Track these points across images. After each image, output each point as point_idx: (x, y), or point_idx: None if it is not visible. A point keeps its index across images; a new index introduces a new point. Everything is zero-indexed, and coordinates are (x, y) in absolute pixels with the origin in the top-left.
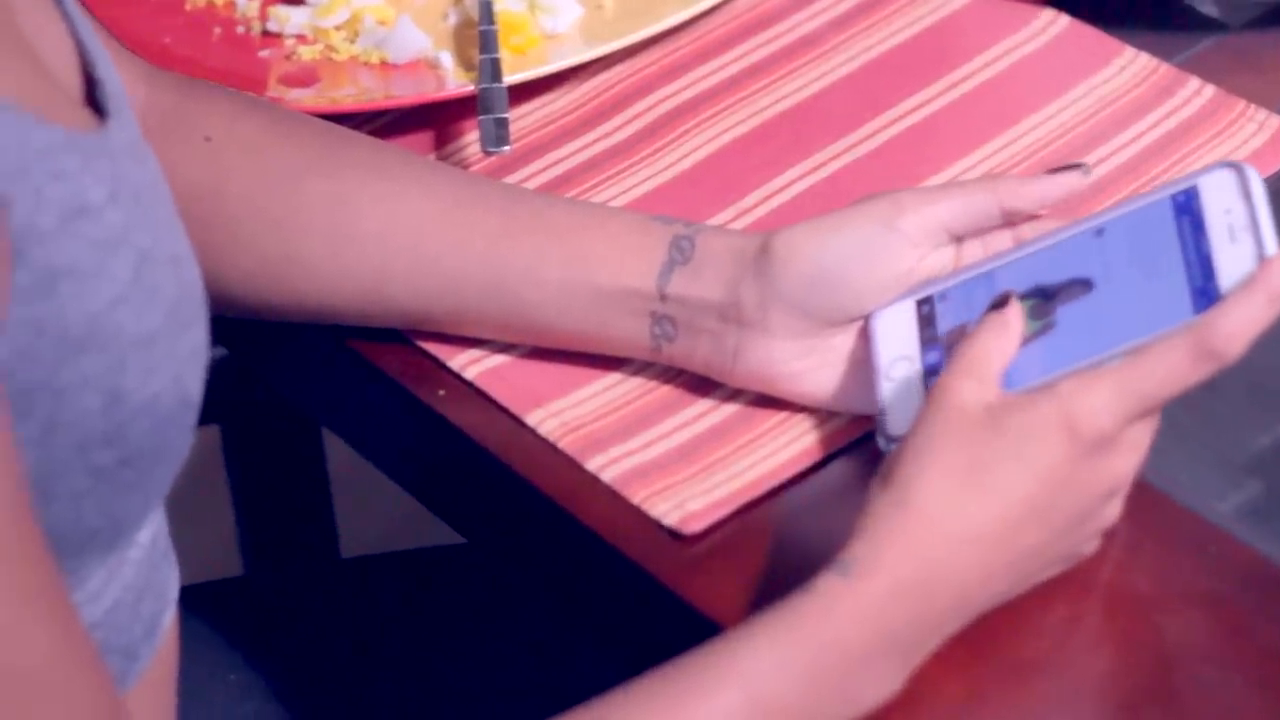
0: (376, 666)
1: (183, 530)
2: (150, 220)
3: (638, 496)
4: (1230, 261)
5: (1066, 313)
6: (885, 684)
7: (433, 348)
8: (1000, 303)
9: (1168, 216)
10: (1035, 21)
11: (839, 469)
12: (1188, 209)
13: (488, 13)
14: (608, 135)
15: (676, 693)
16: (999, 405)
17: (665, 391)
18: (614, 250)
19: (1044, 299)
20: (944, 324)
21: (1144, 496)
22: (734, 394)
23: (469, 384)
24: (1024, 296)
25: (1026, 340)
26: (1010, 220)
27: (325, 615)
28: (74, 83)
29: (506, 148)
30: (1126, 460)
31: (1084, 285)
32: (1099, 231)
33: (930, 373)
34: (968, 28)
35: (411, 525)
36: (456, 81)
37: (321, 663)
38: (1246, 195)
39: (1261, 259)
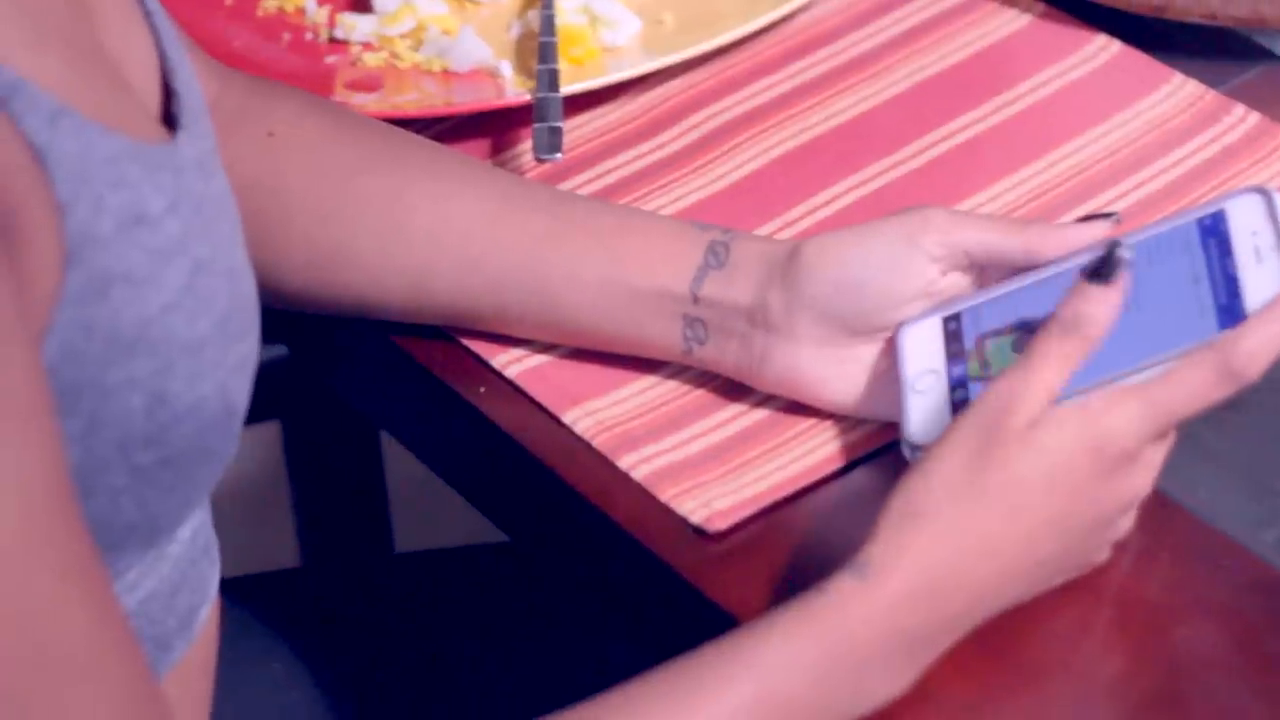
0: (420, 661)
1: (244, 523)
2: (210, 233)
3: (666, 494)
4: (1256, 282)
5: None
6: (894, 683)
7: (476, 346)
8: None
9: (1194, 239)
10: (1088, 47)
11: (863, 475)
12: (1214, 231)
13: (549, 25)
14: (660, 147)
15: (689, 686)
16: (1027, 422)
17: (699, 395)
18: (651, 253)
19: (1027, 331)
20: (970, 339)
21: (1160, 507)
22: (765, 399)
23: (509, 382)
24: (1006, 330)
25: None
26: (1032, 265)
27: (374, 609)
28: (152, 93)
29: (558, 155)
30: (1144, 476)
31: None
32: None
33: (956, 385)
34: (1020, 51)
35: (465, 522)
36: (515, 90)
37: (366, 655)
38: (1273, 219)
39: None
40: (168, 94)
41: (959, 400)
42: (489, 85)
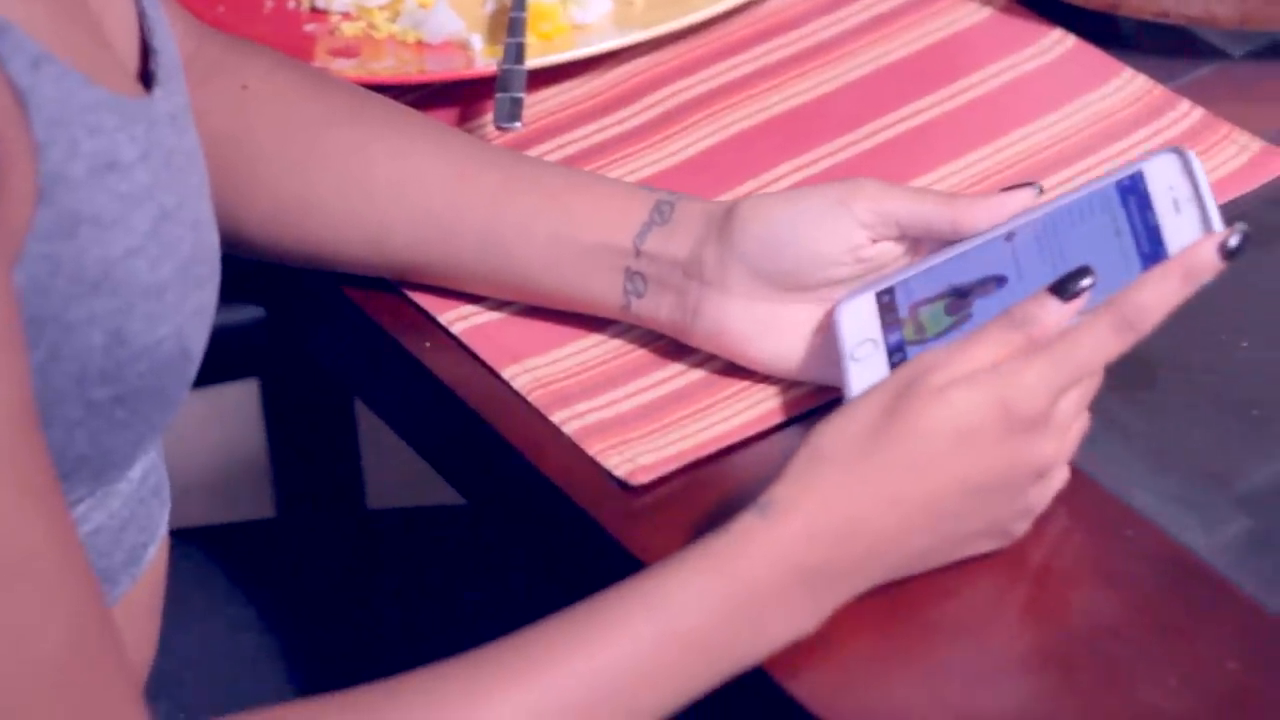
0: (370, 614)
1: (223, 476)
2: (178, 184)
3: (594, 449)
4: (1176, 229)
5: (983, 306)
6: (796, 622)
7: (425, 302)
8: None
9: (1114, 198)
10: (1043, 40)
11: (785, 437)
12: (1134, 190)
13: (520, 2)
14: (621, 122)
15: (592, 625)
16: (944, 382)
17: (635, 356)
18: (600, 210)
19: (959, 295)
20: (904, 309)
21: (1071, 480)
22: (700, 362)
23: (455, 339)
24: (937, 298)
25: (938, 334)
26: (958, 236)
27: (334, 561)
28: (130, 49)
29: (518, 124)
30: (1055, 444)
31: (998, 281)
32: (1028, 231)
33: (894, 350)
34: (977, 42)
35: (438, 480)
36: (484, 62)
37: (321, 605)
38: (1189, 174)
39: (1208, 231)
40: (145, 51)
41: (897, 363)
42: (460, 56)
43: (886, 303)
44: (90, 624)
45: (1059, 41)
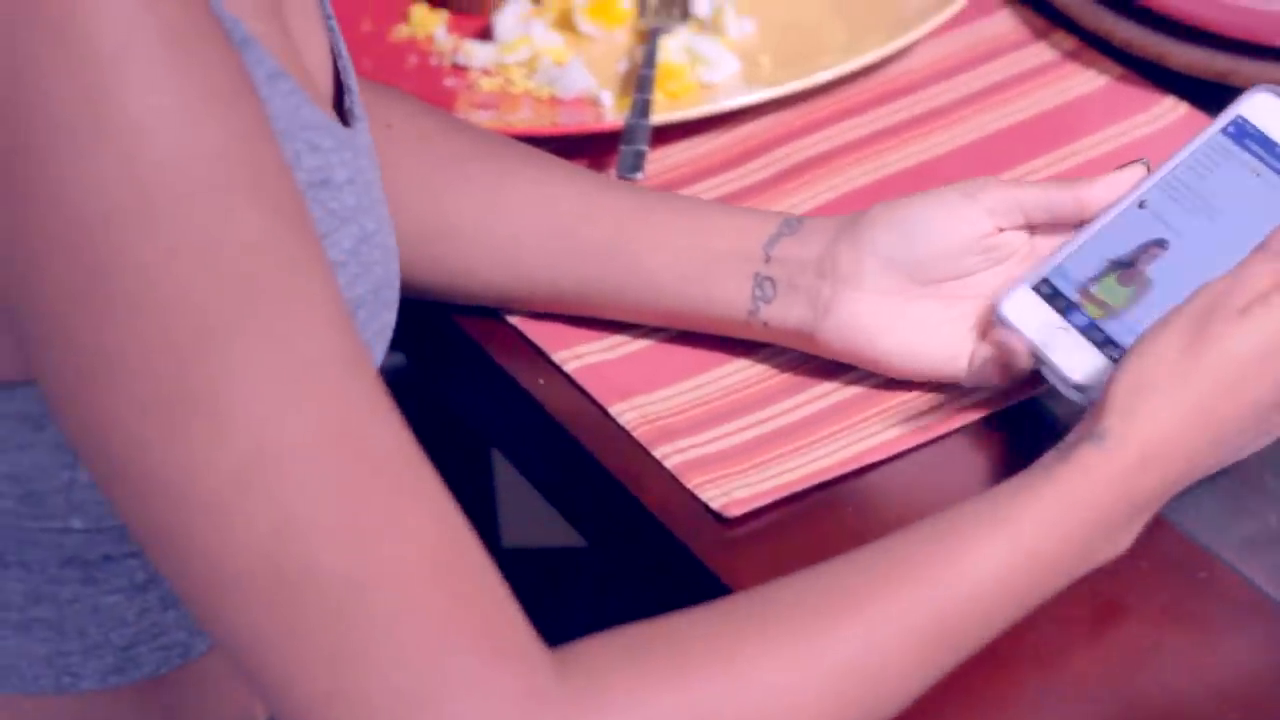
0: None
1: None
2: (376, 211)
3: (693, 482)
4: None
5: (1158, 269)
6: (1120, 544)
7: (540, 339)
8: None
9: (1229, 146)
10: (1155, 107)
11: (877, 475)
12: (1244, 133)
13: (650, 59)
14: (742, 177)
15: (950, 539)
16: (1241, 305)
17: (742, 395)
18: (730, 222)
19: (1124, 267)
20: (1071, 293)
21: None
22: (800, 404)
23: (568, 376)
24: (1103, 274)
25: (1127, 305)
26: (1084, 215)
27: None
28: (326, 85)
29: (640, 175)
30: None
31: (1159, 245)
32: (1158, 193)
33: (1087, 329)
34: (1090, 109)
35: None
36: (613, 117)
37: None
38: None
39: None
40: (338, 89)
41: (1099, 340)
42: (590, 111)
43: (1048, 293)
44: (457, 519)
45: (1171, 109)
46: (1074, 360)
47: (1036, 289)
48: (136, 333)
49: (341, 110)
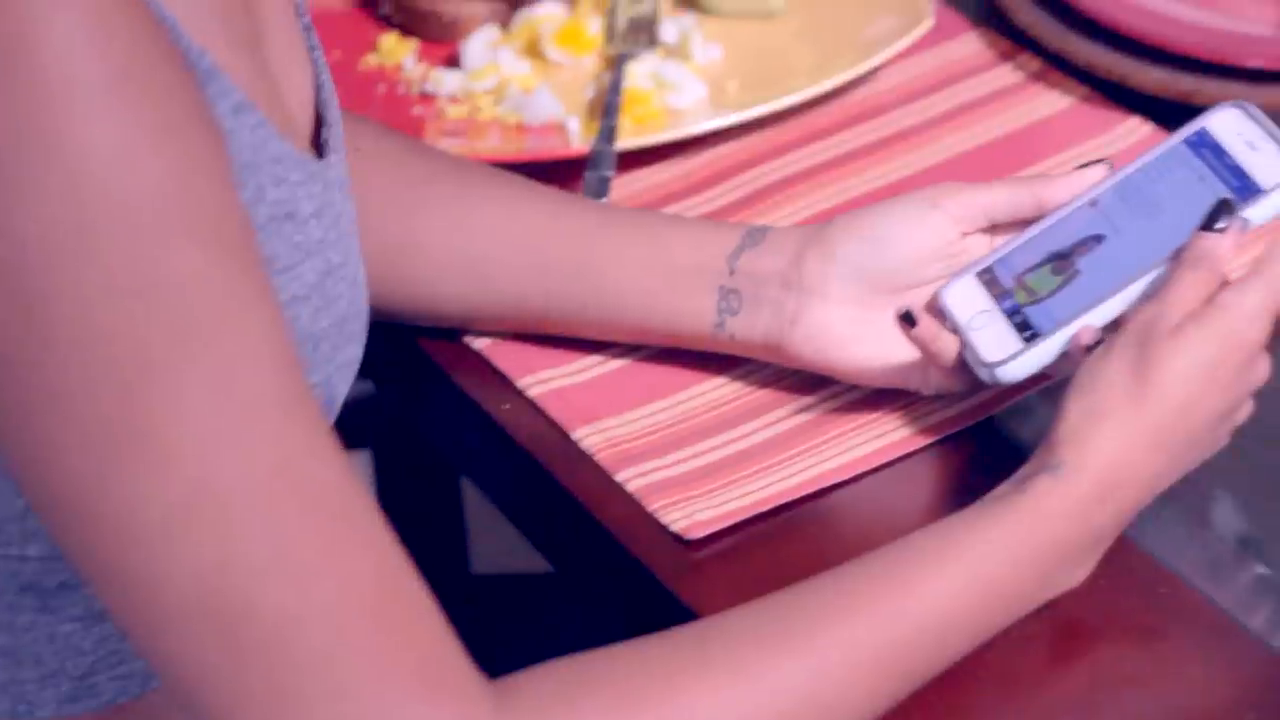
0: None
1: None
2: (343, 244)
3: (654, 505)
4: (1257, 163)
5: (1087, 261)
6: (1079, 573)
7: (504, 365)
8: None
9: (1186, 154)
10: (1119, 127)
11: (839, 496)
12: (1203, 143)
13: (616, 86)
14: (708, 201)
15: (908, 566)
16: (1173, 325)
17: (704, 419)
18: (693, 236)
19: (1060, 258)
20: (1007, 280)
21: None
22: (761, 426)
23: (531, 401)
24: (1040, 264)
25: (1051, 293)
26: (1045, 210)
27: None
28: (305, 117)
29: (605, 200)
30: (1264, 362)
31: (1096, 240)
32: (1110, 193)
33: (1011, 313)
34: (1056, 130)
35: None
36: (580, 143)
37: None
38: (1255, 120)
39: None
40: (317, 121)
41: (1018, 323)
42: (557, 138)
43: (988, 279)
44: (395, 553)
45: (1135, 129)
46: (990, 341)
47: (979, 276)
48: (76, 366)
49: (319, 142)
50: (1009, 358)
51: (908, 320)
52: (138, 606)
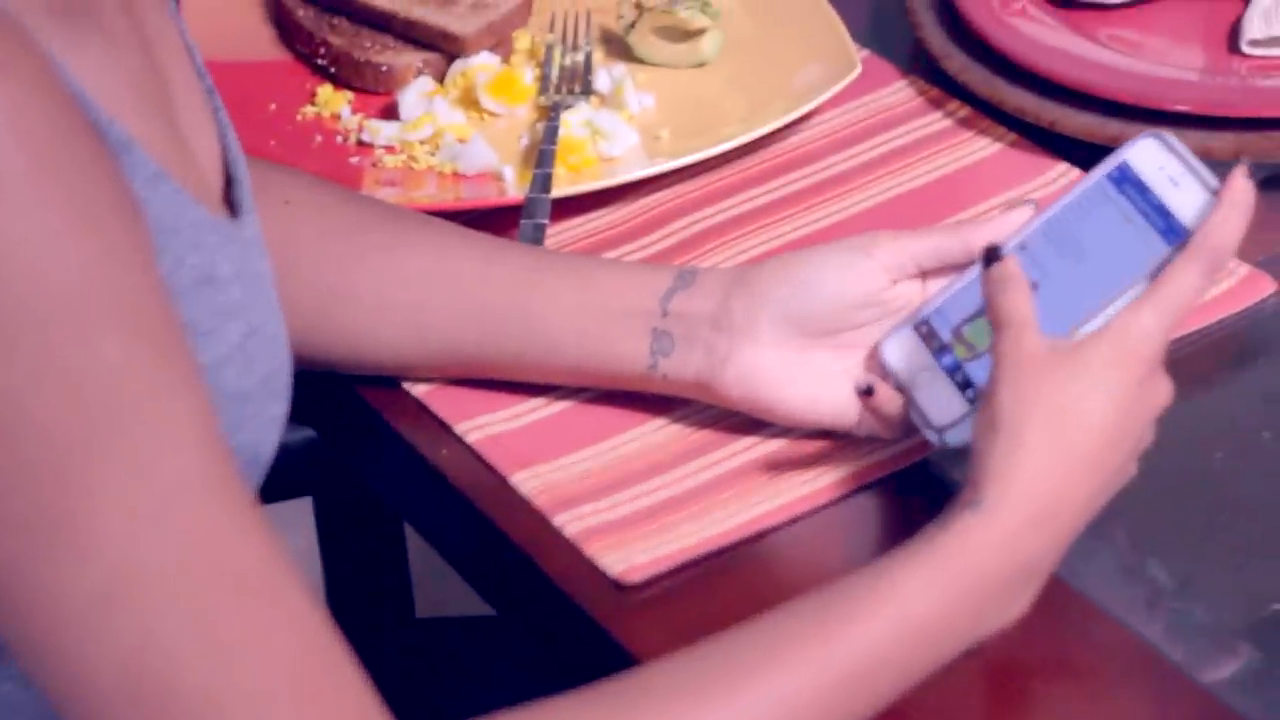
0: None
1: None
2: (262, 302)
3: (591, 549)
4: (1181, 201)
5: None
6: (1010, 610)
7: (442, 411)
8: (991, 257)
9: (1110, 191)
10: (1048, 173)
11: (775, 539)
12: (1125, 179)
13: (551, 135)
14: (643, 247)
15: (830, 613)
16: (1065, 347)
17: (641, 463)
18: (625, 279)
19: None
20: (945, 334)
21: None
22: (699, 469)
23: (469, 447)
24: (975, 315)
25: (988, 346)
26: (971, 257)
27: (386, 668)
28: (215, 178)
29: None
30: (1166, 385)
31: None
32: (1038, 236)
33: (952, 371)
34: (985, 175)
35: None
36: (515, 192)
37: None
38: (1174, 152)
39: (1211, 193)
40: (227, 181)
41: (960, 381)
42: (493, 186)
43: (926, 332)
44: (320, 629)
45: (1064, 174)
46: (935, 401)
47: (917, 329)
48: (0, 455)
49: (231, 201)
50: (955, 421)
51: (868, 393)
52: (68, 688)
